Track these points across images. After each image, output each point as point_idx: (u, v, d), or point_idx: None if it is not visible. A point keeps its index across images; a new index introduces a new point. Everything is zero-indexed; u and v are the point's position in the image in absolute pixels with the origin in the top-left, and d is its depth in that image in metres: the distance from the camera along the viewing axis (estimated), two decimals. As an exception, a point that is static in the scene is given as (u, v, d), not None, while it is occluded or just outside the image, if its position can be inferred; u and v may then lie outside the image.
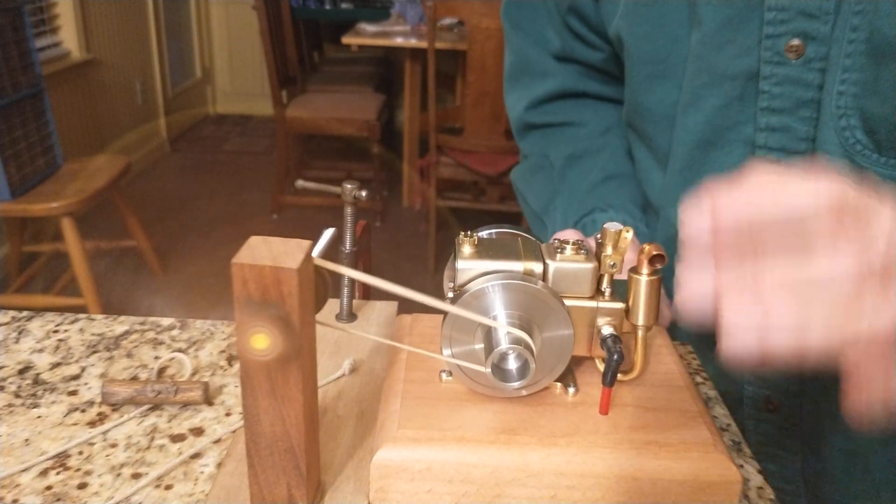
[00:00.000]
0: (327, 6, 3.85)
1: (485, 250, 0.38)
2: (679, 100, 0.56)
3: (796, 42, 0.48)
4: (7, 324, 0.56)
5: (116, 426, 0.45)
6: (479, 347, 0.37)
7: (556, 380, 0.39)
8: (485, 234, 0.42)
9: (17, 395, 0.47)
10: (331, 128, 3.01)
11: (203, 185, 3.56)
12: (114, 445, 0.43)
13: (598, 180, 0.66)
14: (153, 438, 0.44)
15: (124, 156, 2.41)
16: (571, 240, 0.38)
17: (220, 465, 0.41)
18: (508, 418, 0.37)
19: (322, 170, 3.58)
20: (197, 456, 0.42)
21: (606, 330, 0.38)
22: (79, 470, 0.41)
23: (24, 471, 0.41)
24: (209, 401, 0.47)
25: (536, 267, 0.37)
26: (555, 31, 0.69)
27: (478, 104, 2.44)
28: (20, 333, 0.55)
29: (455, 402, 0.38)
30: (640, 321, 0.38)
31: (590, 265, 0.37)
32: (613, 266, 0.37)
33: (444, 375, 0.39)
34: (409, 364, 0.41)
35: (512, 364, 0.37)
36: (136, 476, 0.40)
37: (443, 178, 2.65)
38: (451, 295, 0.38)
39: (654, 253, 0.36)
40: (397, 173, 3.43)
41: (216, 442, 0.43)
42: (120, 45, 3.51)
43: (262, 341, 0.31)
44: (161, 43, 3.94)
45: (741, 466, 0.43)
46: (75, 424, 0.45)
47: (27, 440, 0.43)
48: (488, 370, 0.36)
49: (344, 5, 3.88)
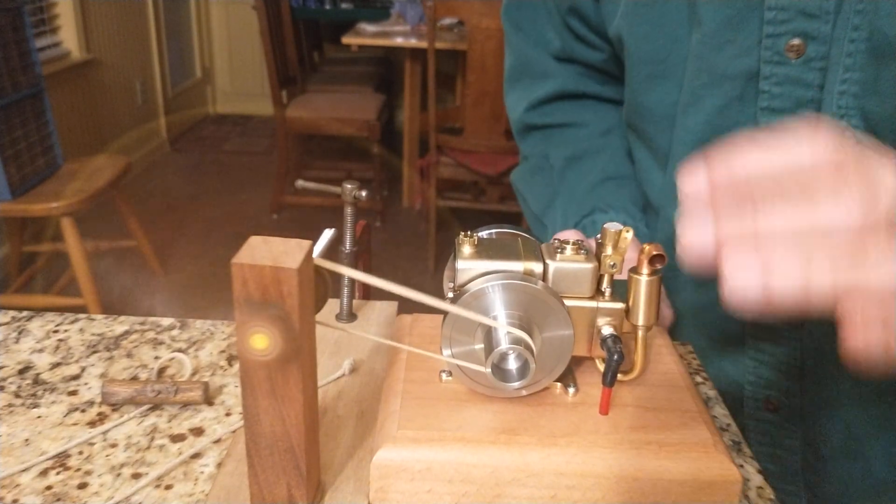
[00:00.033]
0: (327, 6, 3.85)
1: (485, 250, 0.38)
2: (679, 100, 0.56)
3: (796, 42, 0.48)
4: (7, 324, 0.56)
5: (116, 426, 0.45)
6: (479, 347, 0.37)
7: (557, 380, 0.39)
8: (485, 234, 0.42)
9: (17, 395, 0.47)
10: (331, 128, 3.01)
11: (203, 185, 3.56)
12: (114, 445, 0.43)
13: (597, 181, 0.67)
14: (153, 438, 0.44)
15: (124, 156, 2.41)
16: (571, 240, 0.38)
17: (220, 465, 0.41)
18: (508, 418, 0.37)
19: (322, 170, 3.58)
20: (197, 456, 0.42)
21: (606, 330, 0.38)
22: (79, 470, 0.41)
23: (24, 471, 0.41)
24: (209, 401, 0.47)
25: (536, 267, 0.37)
26: (555, 32, 0.69)
27: (478, 104, 2.44)
28: (20, 333, 0.55)
29: (455, 403, 0.38)
30: (640, 321, 0.38)
31: (590, 265, 0.37)
32: (613, 266, 0.37)
33: (444, 375, 0.39)
34: (409, 364, 0.41)
35: (512, 364, 0.37)
36: (136, 476, 0.40)
37: (443, 178, 2.65)
38: (450, 295, 0.38)
39: (654, 253, 0.36)
40: (397, 173, 3.43)
41: (216, 442, 0.43)
42: (120, 45, 3.51)
43: (262, 341, 0.31)
44: (161, 43, 3.94)
45: (741, 466, 0.43)
46: (75, 424, 0.45)
47: (27, 440, 0.43)
48: (488, 370, 0.36)
49: (344, 5, 3.88)
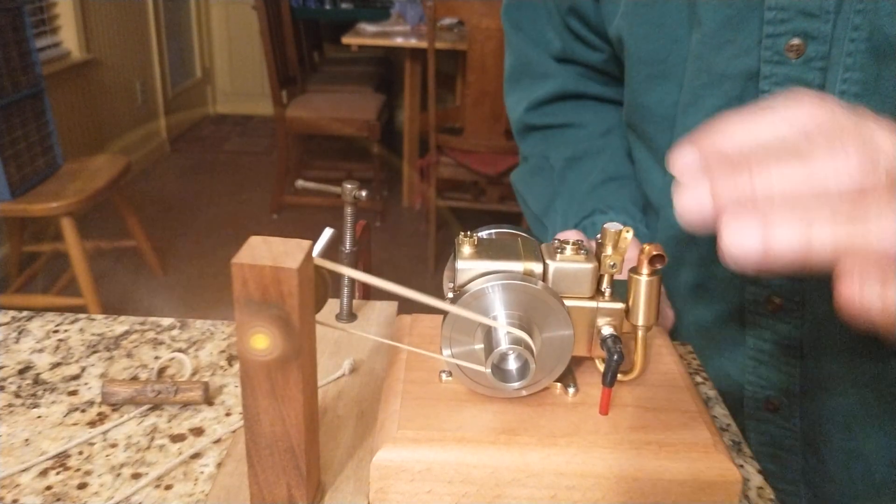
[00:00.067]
0: (327, 6, 3.85)
1: (485, 250, 0.38)
2: (679, 100, 0.56)
3: (797, 41, 0.48)
4: (7, 324, 0.56)
5: (116, 426, 0.45)
6: (479, 348, 0.37)
7: (556, 380, 0.39)
8: (484, 234, 0.42)
9: (17, 395, 0.47)
10: (331, 128, 3.01)
11: (203, 185, 3.56)
12: (114, 445, 0.43)
13: (597, 182, 0.66)
14: (153, 438, 0.44)
15: (124, 156, 2.41)
16: (571, 240, 0.38)
17: (220, 465, 0.41)
18: (508, 419, 0.37)
19: (322, 170, 3.58)
20: (197, 456, 0.42)
21: (606, 330, 0.38)
22: (79, 470, 0.41)
23: (24, 471, 0.41)
24: (209, 401, 0.47)
25: (536, 267, 0.37)
26: (555, 33, 0.69)
27: (478, 104, 2.44)
28: (20, 333, 0.55)
29: (455, 403, 0.38)
30: (640, 321, 0.38)
31: (590, 265, 0.37)
32: (613, 266, 0.37)
33: (443, 376, 0.39)
34: (409, 364, 0.41)
35: (512, 364, 0.37)
36: (136, 476, 0.40)
37: (443, 178, 2.65)
38: (450, 295, 0.38)
39: (654, 253, 0.36)
40: (397, 173, 3.43)
41: (216, 442, 0.43)
42: (120, 45, 3.51)
43: (262, 341, 0.31)
44: (161, 43, 3.94)
45: (741, 466, 0.43)
46: (75, 424, 0.45)
47: (27, 440, 0.43)
48: (488, 370, 0.36)
49: (344, 5, 3.88)
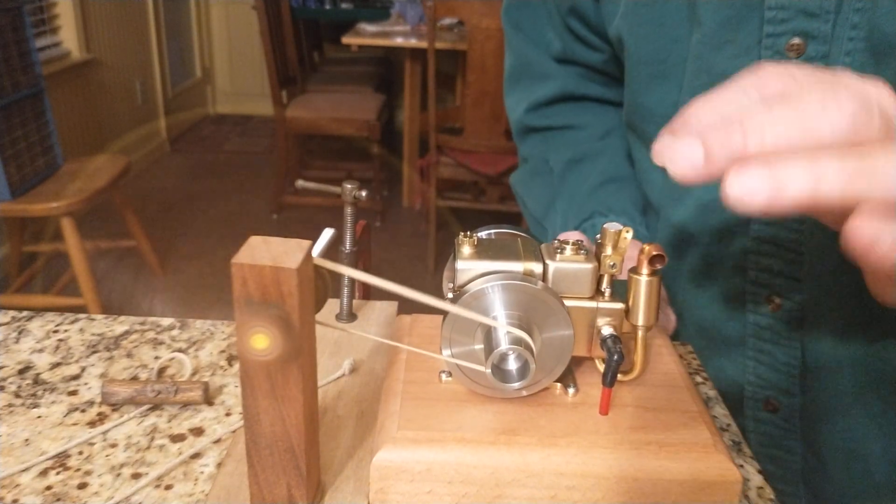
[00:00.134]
0: (327, 6, 3.85)
1: (484, 251, 0.38)
2: (679, 100, 0.56)
3: (797, 41, 0.48)
4: (7, 324, 0.56)
5: (116, 426, 0.45)
6: (479, 348, 0.37)
7: (556, 380, 0.39)
8: (484, 234, 0.42)
9: (17, 395, 0.47)
10: (331, 128, 3.02)
11: (203, 185, 3.56)
12: (114, 445, 0.43)
13: (597, 184, 0.66)
14: (153, 438, 0.44)
15: (124, 156, 2.41)
16: (571, 240, 0.38)
17: (220, 465, 0.41)
18: (508, 419, 0.37)
19: (322, 170, 3.58)
20: (197, 456, 0.42)
21: (606, 330, 0.38)
22: (79, 470, 0.41)
23: (24, 471, 0.41)
24: (209, 401, 0.47)
25: (536, 267, 0.37)
26: (555, 33, 0.69)
27: (478, 104, 2.44)
28: (20, 333, 0.55)
29: (455, 403, 0.38)
30: (640, 321, 0.38)
31: (589, 265, 0.37)
32: (613, 266, 0.37)
33: (443, 376, 0.39)
34: (409, 365, 0.41)
35: (512, 364, 0.37)
36: (136, 476, 0.40)
37: (443, 178, 2.65)
38: (450, 295, 0.38)
39: (653, 253, 0.36)
40: (397, 173, 3.43)
41: (216, 442, 0.43)
42: (120, 45, 3.51)
43: (262, 341, 0.31)
44: (161, 43, 3.94)
45: (741, 466, 0.43)
46: (75, 424, 0.45)
47: (27, 440, 0.43)
48: (488, 371, 0.36)
49: (344, 5, 3.88)
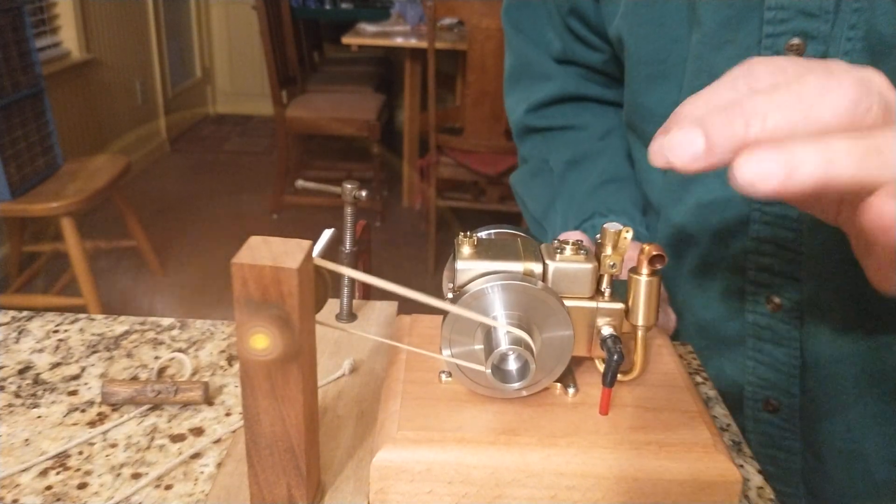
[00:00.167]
0: (327, 6, 3.85)
1: (484, 251, 0.38)
2: (679, 100, 0.56)
3: (796, 41, 0.48)
4: (7, 324, 0.56)
5: (116, 426, 0.45)
6: (479, 348, 0.37)
7: (556, 380, 0.39)
8: (484, 234, 0.42)
9: (17, 395, 0.47)
10: (331, 128, 3.02)
11: (203, 185, 3.56)
12: (114, 445, 0.43)
13: (597, 184, 0.66)
14: (153, 438, 0.44)
15: (124, 156, 2.41)
16: (571, 240, 0.38)
17: (220, 465, 0.41)
18: (508, 419, 0.37)
19: (322, 170, 3.58)
20: (197, 456, 0.42)
21: (606, 330, 0.38)
22: (79, 470, 0.41)
23: (24, 471, 0.41)
24: (209, 401, 0.47)
25: (536, 267, 0.37)
26: (555, 34, 0.69)
27: (478, 104, 2.44)
28: (20, 333, 0.55)
29: (455, 403, 0.38)
30: (640, 321, 0.38)
31: (589, 265, 0.37)
32: (613, 266, 0.37)
33: (443, 376, 0.39)
34: (409, 365, 0.41)
35: (512, 365, 0.37)
36: (136, 476, 0.40)
37: (443, 178, 2.65)
38: (450, 296, 0.38)
39: (653, 253, 0.36)
40: (397, 173, 3.43)
41: (216, 442, 0.43)
42: (120, 45, 3.51)
43: (262, 341, 0.31)
44: (161, 43, 3.94)
45: (741, 466, 0.43)
46: (75, 424, 0.45)
47: (27, 440, 0.43)
48: (488, 371, 0.36)
49: (344, 5, 3.88)
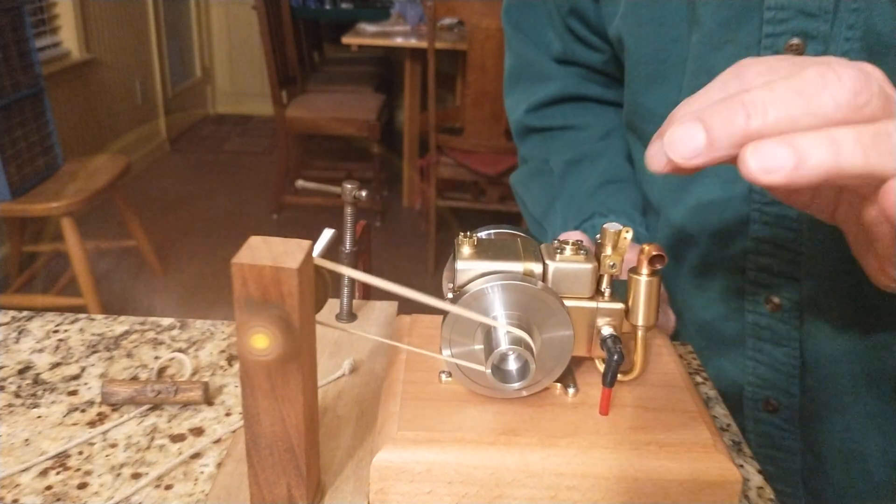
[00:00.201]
0: (327, 6, 3.85)
1: (484, 251, 0.38)
2: (678, 100, 0.56)
3: (796, 41, 0.48)
4: (7, 324, 0.56)
5: (116, 426, 0.45)
6: (479, 348, 0.37)
7: (556, 380, 0.39)
8: (484, 234, 0.42)
9: (17, 395, 0.47)
10: (331, 128, 3.02)
11: (203, 185, 3.56)
12: (114, 445, 0.43)
13: (597, 185, 0.66)
14: (153, 438, 0.44)
15: (124, 156, 2.41)
16: (571, 240, 0.38)
17: (220, 465, 0.41)
18: (508, 419, 0.37)
19: (322, 170, 3.58)
20: (197, 456, 0.42)
21: (606, 330, 0.38)
22: (79, 470, 0.41)
23: (24, 471, 0.41)
24: (209, 401, 0.47)
25: (536, 267, 0.37)
26: (555, 34, 0.69)
27: (478, 104, 2.44)
28: (20, 333, 0.55)
29: (455, 404, 0.38)
30: (640, 321, 0.38)
31: (589, 265, 0.37)
32: (613, 266, 0.37)
33: (443, 376, 0.39)
34: (409, 365, 0.41)
35: (512, 365, 0.37)
36: (136, 476, 0.40)
37: (443, 178, 2.65)
38: (450, 296, 0.38)
39: (653, 253, 0.36)
40: (397, 173, 3.43)
41: (216, 442, 0.43)
42: (120, 45, 3.51)
43: (262, 341, 0.31)
44: (161, 43, 3.94)
45: (741, 466, 0.43)
46: (75, 424, 0.45)
47: (27, 440, 0.43)
48: (488, 371, 0.36)
49: (344, 5, 3.88)
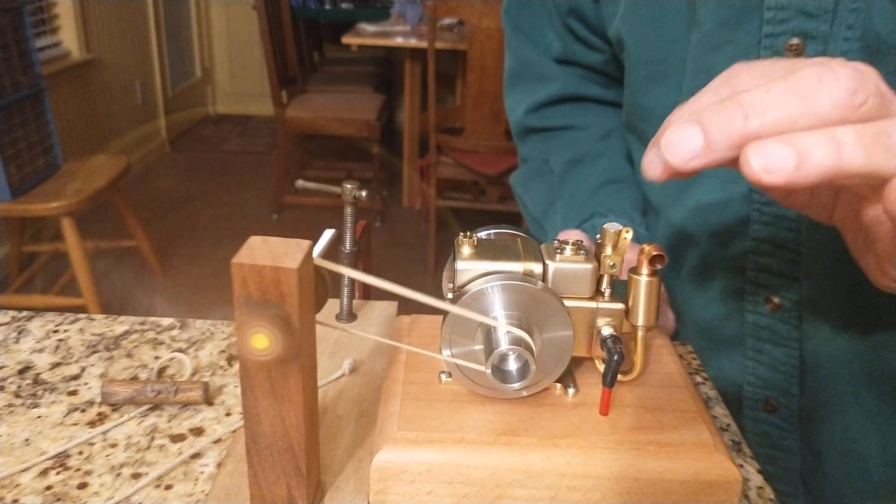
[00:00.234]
0: (327, 6, 3.85)
1: (484, 251, 0.38)
2: (678, 101, 0.56)
3: (796, 41, 0.48)
4: (7, 324, 0.56)
5: (116, 426, 0.45)
6: (479, 349, 0.37)
7: (557, 381, 0.39)
8: (484, 234, 0.42)
9: (17, 395, 0.47)
10: (331, 128, 3.02)
11: (203, 185, 3.56)
12: (114, 445, 0.43)
13: (597, 185, 0.66)
14: (153, 438, 0.44)
15: (124, 156, 2.41)
16: (571, 240, 0.38)
17: (220, 465, 0.41)
18: (508, 419, 0.37)
19: (322, 170, 3.58)
20: (197, 456, 0.42)
21: (606, 330, 0.38)
22: (79, 470, 0.41)
23: (24, 471, 0.41)
24: (209, 401, 0.47)
25: (536, 267, 0.37)
26: (555, 34, 0.69)
27: (478, 104, 2.44)
28: (20, 333, 0.55)
29: (455, 404, 0.38)
30: (640, 322, 0.38)
31: (589, 266, 0.37)
32: (613, 266, 0.37)
33: (443, 377, 0.39)
34: (409, 365, 0.41)
35: (512, 365, 0.37)
36: (136, 476, 0.40)
37: (443, 178, 2.65)
38: (450, 296, 0.38)
39: (653, 253, 0.36)
40: (397, 173, 3.43)
41: (216, 442, 0.43)
42: (120, 45, 3.51)
43: (262, 341, 0.31)
44: (161, 43, 3.94)
45: (741, 466, 0.43)
46: (75, 424, 0.45)
47: (27, 440, 0.43)
48: (488, 371, 0.36)
49: (344, 5, 3.88)
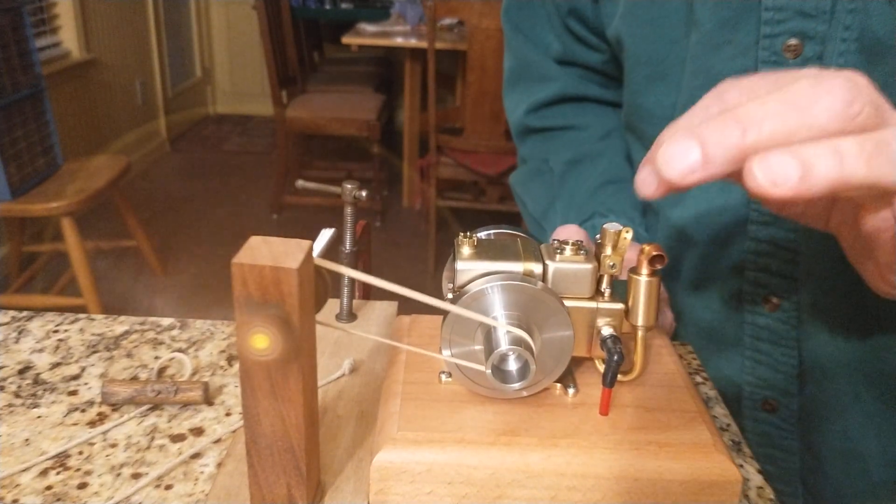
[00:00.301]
0: (327, 6, 3.85)
1: (484, 251, 0.38)
2: (677, 101, 0.56)
3: (794, 42, 0.48)
4: (7, 324, 0.56)
5: (116, 426, 0.45)
6: (479, 349, 0.37)
7: (556, 381, 0.39)
8: (484, 234, 0.42)
9: (17, 395, 0.47)
10: (331, 128, 3.02)
11: (203, 185, 3.56)
12: (114, 445, 0.43)
13: (597, 185, 0.66)
14: (153, 438, 0.44)
15: (124, 156, 2.41)
16: (571, 240, 0.38)
17: (220, 465, 0.41)
18: (508, 419, 0.37)
19: (322, 170, 3.58)
20: (197, 456, 0.42)
21: (606, 331, 0.38)
22: (79, 470, 0.41)
23: (24, 471, 0.41)
24: (209, 401, 0.47)
25: (536, 267, 0.37)
26: (555, 35, 0.69)
27: (478, 104, 2.44)
28: (20, 333, 0.55)
29: (455, 404, 0.38)
30: (640, 322, 0.38)
31: (589, 266, 0.37)
32: (613, 267, 0.37)
33: (443, 377, 0.39)
34: (409, 365, 0.41)
35: (512, 365, 0.37)
36: (136, 476, 0.40)
37: (443, 178, 2.65)
38: (450, 296, 0.38)
39: (653, 253, 0.36)
40: (397, 173, 3.43)
41: (216, 442, 0.43)
42: (120, 45, 3.51)
43: (262, 341, 0.31)
44: (161, 43, 3.94)
45: (741, 466, 0.43)
46: (75, 424, 0.45)
47: (27, 440, 0.43)
48: (488, 371, 0.36)
49: (344, 5, 3.88)
